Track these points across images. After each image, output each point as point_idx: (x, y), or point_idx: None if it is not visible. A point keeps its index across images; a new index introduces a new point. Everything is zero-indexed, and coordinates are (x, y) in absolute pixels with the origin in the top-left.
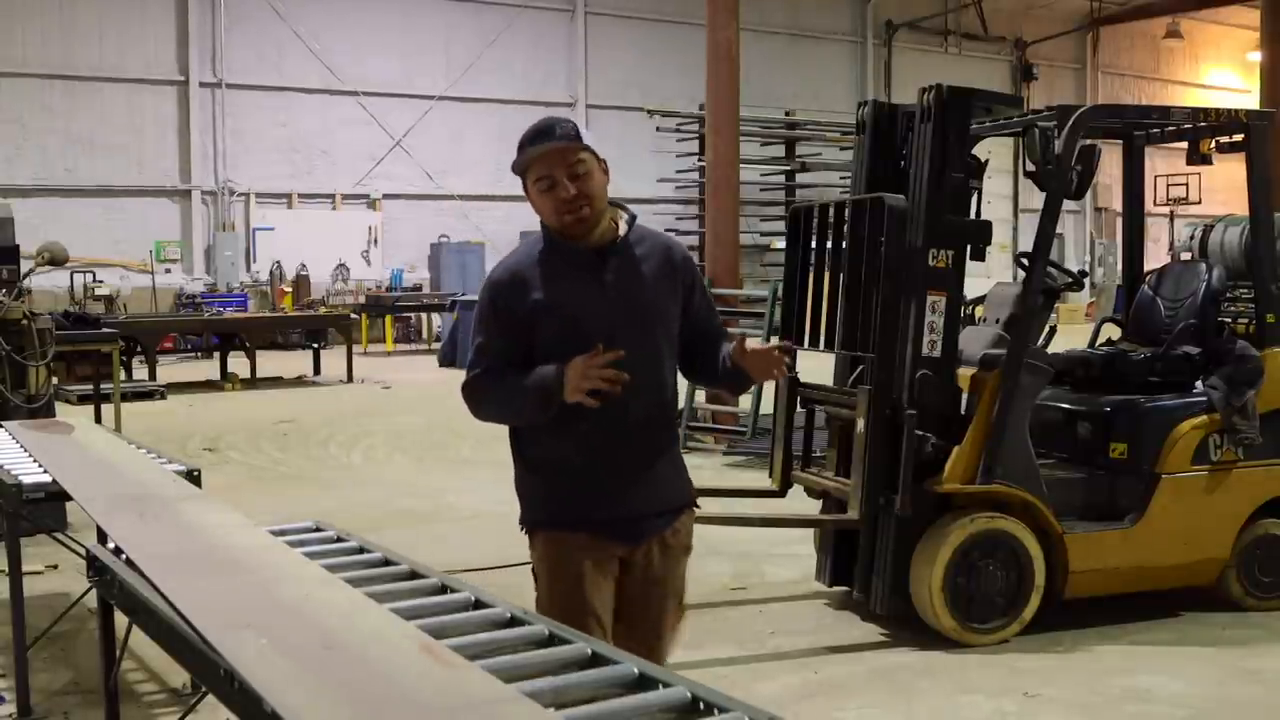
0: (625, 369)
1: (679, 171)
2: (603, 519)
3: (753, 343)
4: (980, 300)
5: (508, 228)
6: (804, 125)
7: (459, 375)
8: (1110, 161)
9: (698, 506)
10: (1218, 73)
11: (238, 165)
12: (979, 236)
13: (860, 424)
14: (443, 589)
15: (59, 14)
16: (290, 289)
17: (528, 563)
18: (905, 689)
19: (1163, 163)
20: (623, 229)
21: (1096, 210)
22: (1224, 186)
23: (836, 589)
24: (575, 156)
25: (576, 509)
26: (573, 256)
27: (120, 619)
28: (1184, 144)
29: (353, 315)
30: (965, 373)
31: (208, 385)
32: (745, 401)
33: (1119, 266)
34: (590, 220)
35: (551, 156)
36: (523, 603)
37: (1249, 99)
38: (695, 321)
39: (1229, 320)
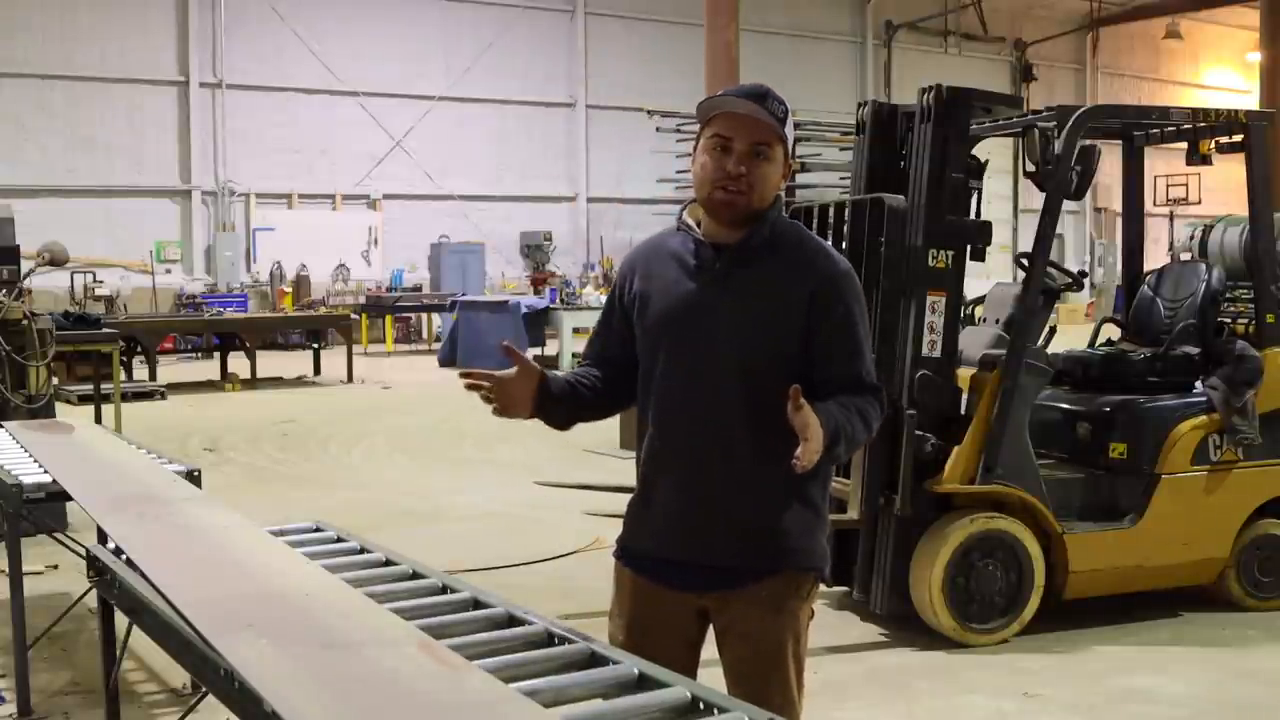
0: (683, 390)
1: (679, 172)
2: (640, 552)
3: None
4: (980, 300)
5: (508, 228)
6: (804, 125)
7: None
8: (1110, 161)
9: (822, 579)
10: (1217, 73)
11: (238, 165)
12: (979, 236)
13: None
14: (443, 589)
15: (59, 14)
16: (290, 289)
17: (528, 562)
18: (905, 689)
19: (1163, 163)
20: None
21: (1096, 210)
22: (1224, 186)
23: (836, 589)
24: (767, 135)
25: (624, 537)
26: (688, 245)
27: (120, 619)
28: (1184, 144)
29: (353, 315)
30: (965, 373)
31: (208, 385)
32: None
33: (1119, 266)
34: (740, 210)
35: (747, 121)
36: (523, 603)
37: (1249, 99)
38: (811, 364)
39: (1229, 320)
